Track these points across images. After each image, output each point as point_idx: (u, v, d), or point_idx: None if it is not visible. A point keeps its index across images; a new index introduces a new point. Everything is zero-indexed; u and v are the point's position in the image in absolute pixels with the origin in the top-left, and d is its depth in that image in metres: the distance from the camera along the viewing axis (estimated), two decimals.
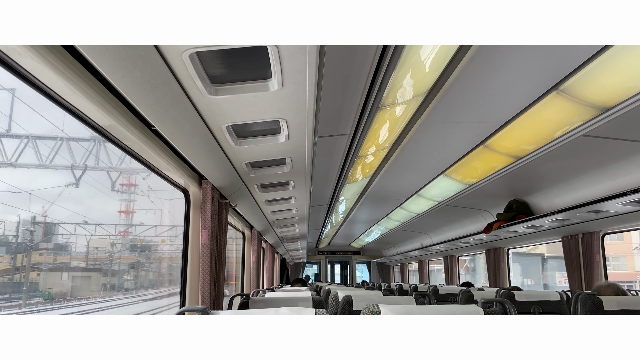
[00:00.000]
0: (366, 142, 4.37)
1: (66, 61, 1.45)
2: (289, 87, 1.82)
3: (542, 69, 2.91)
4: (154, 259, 25.96)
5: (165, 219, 25.39)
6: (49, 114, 13.95)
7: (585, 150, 4.05)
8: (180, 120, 1.96)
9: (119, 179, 24.97)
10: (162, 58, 1.51)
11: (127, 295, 22.48)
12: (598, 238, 5.56)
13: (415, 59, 2.88)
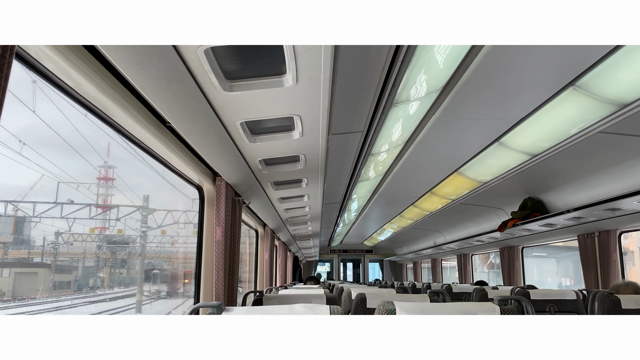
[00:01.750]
0: (379, 140, 4.35)
1: (84, 57, 1.46)
2: (303, 82, 1.82)
3: (559, 64, 2.87)
4: (125, 255, 24.61)
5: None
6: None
7: (601, 147, 3.99)
8: (194, 116, 1.96)
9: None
10: (178, 54, 1.52)
11: (81, 295, 20.58)
12: (615, 236, 5.48)
13: (429, 55, 2.86)
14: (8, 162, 14.55)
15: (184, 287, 25.25)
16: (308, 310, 1.91)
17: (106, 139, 25.52)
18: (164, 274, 25.23)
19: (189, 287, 24.23)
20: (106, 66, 1.58)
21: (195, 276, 3.08)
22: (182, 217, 21.31)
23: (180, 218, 21.28)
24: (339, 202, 7.88)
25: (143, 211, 19.58)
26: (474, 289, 5.03)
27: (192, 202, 20.47)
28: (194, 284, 3.09)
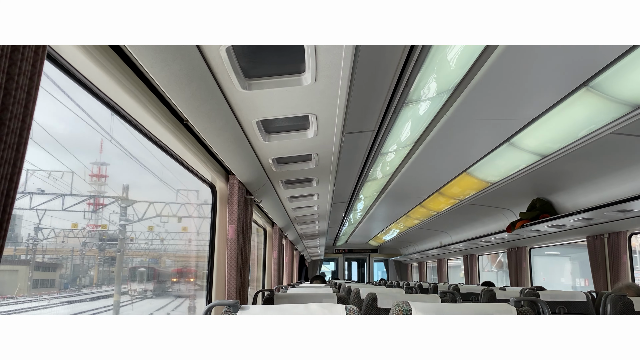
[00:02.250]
0: (389, 139, 4.35)
1: (107, 56, 1.47)
2: (322, 81, 1.82)
3: (572, 65, 2.86)
4: (114, 252, 22.52)
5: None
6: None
7: (613, 148, 3.98)
8: (212, 114, 1.97)
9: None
10: (200, 52, 1.53)
11: (65, 293, 19.79)
12: (625, 238, 5.46)
13: (442, 56, 2.86)
14: None
15: (174, 285, 24.75)
16: (324, 310, 1.92)
17: (101, 137, 24.33)
18: (152, 272, 23.77)
19: (179, 286, 24.88)
20: (129, 65, 1.59)
21: (207, 274, 3.10)
22: (165, 209, 19.98)
23: (163, 210, 19.93)
24: (346, 202, 7.88)
25: (122, 202, 17.93)
26: (482, 289, 5.02)
27: (181, 194, 19.89)
28: (207, 282, 3.11)
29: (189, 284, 25.47)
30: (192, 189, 20.54)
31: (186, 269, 26.56)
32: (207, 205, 21.36)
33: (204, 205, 20.20)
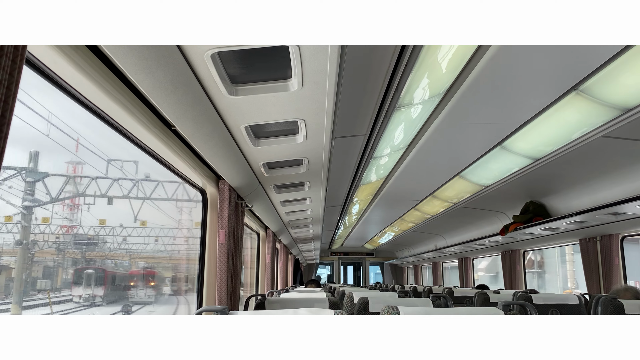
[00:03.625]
0: (382, 143, 4.35)
1: (90, 62, 1.46)
2: (309, 86, 1.82)
3: (562, 68, 2.87)
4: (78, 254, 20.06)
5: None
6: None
7: (604, 152, 3.99)
8: (200, 120, 1.97)
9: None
10: (185, 58, 1.52)
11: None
12: (617, 241, 5.48)
13: (432, 59, 2.86)
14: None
15: (131, 290, 20.88)
16: (312, 315, 1.91)
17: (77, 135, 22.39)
18: (103, 275, 19.39)
19: (137, 291, 20.99)
20: (113, 71, 1.58)
21: (198, 280, 3.08)
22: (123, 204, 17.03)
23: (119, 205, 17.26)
24: (340, 205, 7.88)
25: (28, 175, 12.83)
26: (475, 292, 5.02)
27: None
28: (197, 287, 3.09)
29: (152, 288, 21.59)
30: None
31: (147, 271, 22.57)
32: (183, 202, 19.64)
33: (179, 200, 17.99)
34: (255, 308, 3.02)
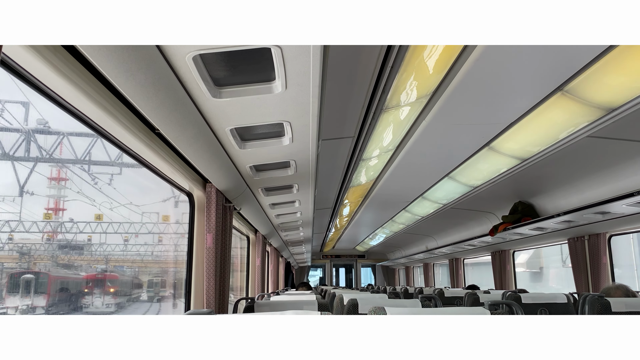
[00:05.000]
0: (370, 145, 4.36)
1: (70, 64, 1.45)
2: (292, 89, 1.81)
3: (547, 69, 2.89)
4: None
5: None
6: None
7: (590, 151, 4.03)
8: (184, 123, 1.96)
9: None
10: (166, 61, 1.51)
11: None
12: (605, 239, 5.52)
13: (418, 60, 2.87)
14: None
15: (85, 298, 17.12)
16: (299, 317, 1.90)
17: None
18: (46, 281, 15.56)
19: (94, 299, 17.20)
20: (94, 74, 1.57)
21: (185, 284, 3.06)
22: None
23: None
24: (330, 208, 7.88)
25: None
26: (465, 293, 5.03)
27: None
28: (185, 291, 3.07)
29: (112, 295, 17.99)
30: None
31: (106, 275, 19.00)
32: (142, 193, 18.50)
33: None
34: (244, 311, 3.00)
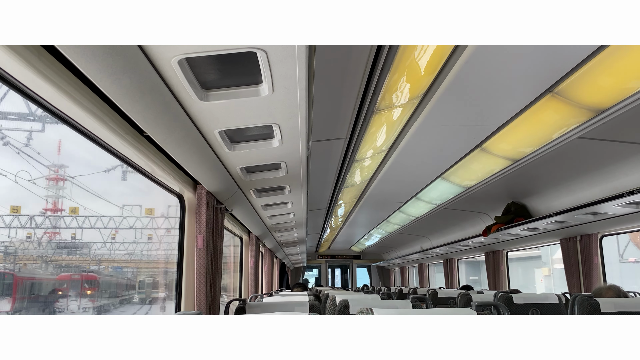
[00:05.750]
0: (363, 146, 4.37)
1: (54, 67, 1.44)
2: (279, 92, 1.82)
3: (537, 71, 2.91)
4: None
5: None
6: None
7: (581, 153, 4.04)
8: (171, 126, 1.95)
9: None
10: (151, 64, 1.51)
11: None
12: (596, 240, 5.55)
13: (409, 61, 2.88)
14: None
15: (58, 302, 14.92)
16: None
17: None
18: (11, 282, 13.49)
19: (68, 302, 15.05)
20: (80, 77, 1.57)
21: (176, 285, 3.06)
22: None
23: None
24: (324, 208, 7.88)
25: None
26: (458, 293, 5.05)
27: None
28: (175, 293, 3.07)
29: (89, 298, 16.06)
30: None
31: (84, 275, 16.96)
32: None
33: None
34: (235, 313, 3.00)
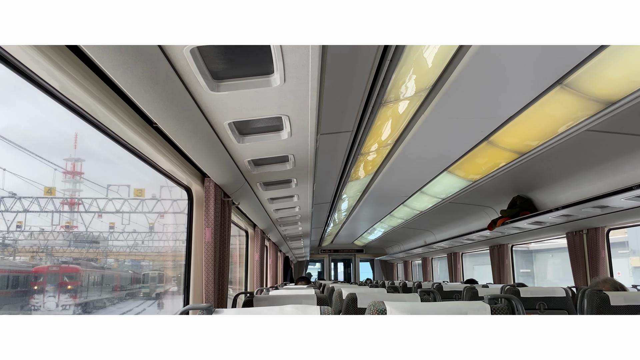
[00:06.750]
0: (369, 140, 4.35)
1: (67, 58, 1.44)
2: (291, 82, 1.80)
3: (546, 63, 2.89)
4: None
5: None
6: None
7: (589, 146, 4.02)
8: (182, 117, 1.95)
9: None
10: (164, 53, 1.50)
11: None
12: (603, 233, 5.53)
13: (417, 55, 2.86)
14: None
15: (34, 298, 13.44)
16: (298, 311, 1.90)
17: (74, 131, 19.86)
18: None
19: (45, 299, 13.64)
20: (91, 67, 1.56)
21: (184, 278, 3.06)
22: None
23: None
24: (329, 202, 7.88)
25: None
26: (464, 287, 5.04)
27: None
28: (184, 286, 3.07)
29: (70, 293, 14.12)
30: None
31: (63, 267, 15.14)
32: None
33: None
34: (243, 305, 3.01)
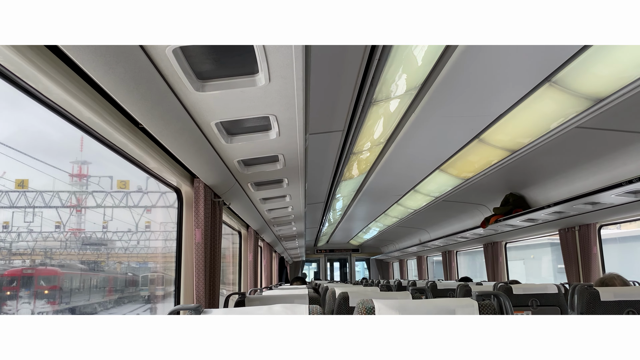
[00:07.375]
0: (360, 139, 4.35)
1: (48, 59, 1.42)
2: (276, 82, 1.80)
3: (534, 60, 2.89)
4: None
5: None
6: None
7: (579, 142, 4.04)
8: (167, 117, 1.93)
9: None
10: (146, 54, 1.49)
11: None
12: (595, 230, 5.55)
13: (407, 53, 2.86)
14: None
15: (5, 304, 12.61)
16: (287, 310, 1.90)
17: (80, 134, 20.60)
18: None
19: (19, 305, 12.59)
20: (73, 68, 1.55)
21: (175, 279, 3.05)
22: None
23: None
24: (323, 202, 7.87)
25: None
26: (457, 285, 5.05)
27: None
28: (174, 287, 3.06)
29: (45, 299, 13.09)
30: None
31: (39, 270, 14.17)
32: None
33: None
34: (235, 306, 3.00)
